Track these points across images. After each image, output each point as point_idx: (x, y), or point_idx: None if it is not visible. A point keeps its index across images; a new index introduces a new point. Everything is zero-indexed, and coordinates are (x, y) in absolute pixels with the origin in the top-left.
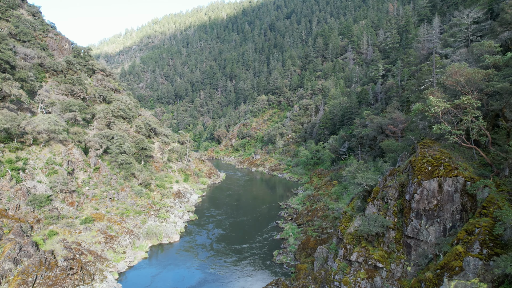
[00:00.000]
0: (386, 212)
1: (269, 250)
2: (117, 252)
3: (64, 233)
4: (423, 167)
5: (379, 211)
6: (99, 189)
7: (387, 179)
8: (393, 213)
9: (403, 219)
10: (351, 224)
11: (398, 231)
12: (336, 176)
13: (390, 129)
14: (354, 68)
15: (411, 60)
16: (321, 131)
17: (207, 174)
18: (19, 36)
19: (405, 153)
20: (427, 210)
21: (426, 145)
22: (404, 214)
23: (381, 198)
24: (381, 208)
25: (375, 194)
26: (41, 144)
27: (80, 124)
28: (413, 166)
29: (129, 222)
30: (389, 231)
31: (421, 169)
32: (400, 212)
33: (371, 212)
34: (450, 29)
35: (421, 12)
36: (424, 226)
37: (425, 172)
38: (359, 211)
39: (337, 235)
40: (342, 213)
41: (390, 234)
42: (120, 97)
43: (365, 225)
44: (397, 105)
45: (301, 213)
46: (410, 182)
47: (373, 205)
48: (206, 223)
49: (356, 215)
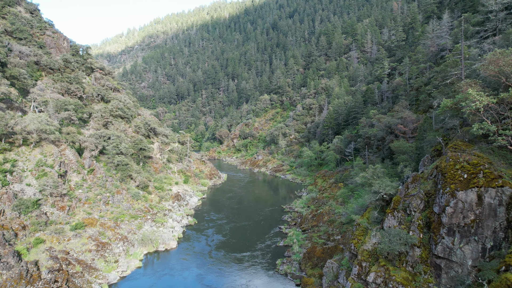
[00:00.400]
0: (409, 226)
1: (272, 258)
2: (109, 261)
3: (52, 240)
4: (456, 174)
5: (400, 224)
6: (93, 192)
7: (409, 187)
8: (418, 228)
9: (431, 235)
10: (367, 238)
11: (424, 249)
12: (341, 178)
13: (400, 129)
14: (358, 66)
15: (420, 57)
16: (325, 131)
17: (208, 175)
18: (15, 34)
19: (427, 157)
20: (462, 226)
21: (457, 147)
22: (432, 229)
23: (403, 209)
24: (403, 220)
25: (395, 205)
26: (32, 145)
27: (75, 123)
28: (443, 173)
29: (123, 228)
30: (414, 249)
31: (454, 177)
32: (426, 227)
33: (390, 225)
34: (460, 25)
35: (428, 9)
36: (457, 245)
37: (460, 181)
38: (375, 223)
39: (350, 249)
40: (355, 225)
41: (415, 253)
42: (119, 96)
43: (385, 241)
44: (406, 104)
45: (306, 218)
46: (440, 192)
47: (393, 217)
48: (205, 228)
49: (373, 228)
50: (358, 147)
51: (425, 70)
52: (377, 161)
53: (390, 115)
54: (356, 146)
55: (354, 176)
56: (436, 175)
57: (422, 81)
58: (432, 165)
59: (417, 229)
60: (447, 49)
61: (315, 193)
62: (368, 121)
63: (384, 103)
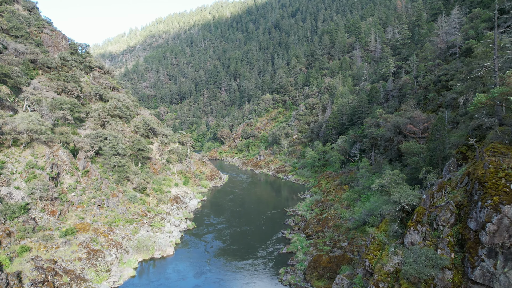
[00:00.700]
0: (436, 243)
1: (275, 266)
2: (99, 270)
3: (39, 248)
4: (500, 184)
5: (425, 241)
6: (87, 195)
7: (434, 196)
8: (448, 246)
9: (465, 256)
10: (385, 255)
11: (457, 272)
12: (347, 180)
13: (409, 129)
14: (362, 65)
15: (428, 54)
16: (328, 131)
17: (209, 176)
18: (12, 31)
19: (453, 161)
20: (507, 246)
21: (496, 151)
22: (467, 249)
23: (428, 223)
24: (429, 236)
25: (419, 217)
26: (22, 146)
27: (71, 123)
28: (481, 182)
29: (118, 233)
30: (444, 271)
31: (497, 187)
32: (458, 245)
33: (413, 240)
34: (470, 21)
35: (434, 6)
36: (501, 269)
37: (505, 192)
38: (394, 237)
39: (364, 266)
40: (370, 238)
41: (446, 275)
42: (118, 95)
43: (410, 262)
44: (413, 103)
45: (310, 222)
46: (478, 205)
47: (416, 231)
48: (204, 233)
49: (391, 243)
50: (363, 148)
51: (434, 67)
52: (385, 163)
53: (398, 114)
54: (362, 147)
55: (360, 178)
56: (468, 183)
57: (431, 79)
58: (461, 171)
59: (447, 247)
60: (457, 45)
61: (319, 195)
62: (374, 120)
63: (390, 102)
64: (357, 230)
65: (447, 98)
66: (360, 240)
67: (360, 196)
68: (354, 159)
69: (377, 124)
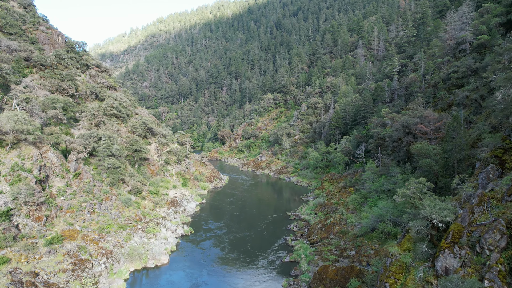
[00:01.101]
0: (480, 271)
1: (277, 278)
2: (85, 283)
3: (19, 259)
4: None
5: (465, 267)
6: (78, 199)
7: (474, 211)
8: (498, 276)
9: None
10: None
11: None
12: (352, 182)
13: (420, 129)
14: (365, 64)
15: (436, 51)
16: (331, 131)
17: (208, 178)
18: (5, 28)
19: (493, 167)
20: None
21: None
22: None
23: (469, 245)
24: (470, 262)
25: (455, 237)
26: (8, 147)
27: (63, 123)
28: None
29: (109, 240)
30: None
31: None
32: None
33: (449, 265)
34: (481, 16)
35: (439, 3)
36: None
37: None
38: (422, 260)
39: None
40: (390, 256)
41: None
42: (115, 94)
43: None
44: (422, 101)
45: (314, 228)
46: None
47: (452, 254)
48: (202, 239)
49: (418, 266)
50: (369, 149)
51: (443, 65)
52: (392, 164)
53: (406, 113)
54: (367, 148)
55: (367, 180)
56: None
57: (440, 77)
58: (506, 180)
59: (497, 278)
60: (468, 41)
61: (322, 198)
62: (380, 120)
63: (396, 101)
64: (365, 237)
65: (459, 96)
66: (368, 248)
67: (367, 200)
68: (359, 160)
69: (383, 123)
